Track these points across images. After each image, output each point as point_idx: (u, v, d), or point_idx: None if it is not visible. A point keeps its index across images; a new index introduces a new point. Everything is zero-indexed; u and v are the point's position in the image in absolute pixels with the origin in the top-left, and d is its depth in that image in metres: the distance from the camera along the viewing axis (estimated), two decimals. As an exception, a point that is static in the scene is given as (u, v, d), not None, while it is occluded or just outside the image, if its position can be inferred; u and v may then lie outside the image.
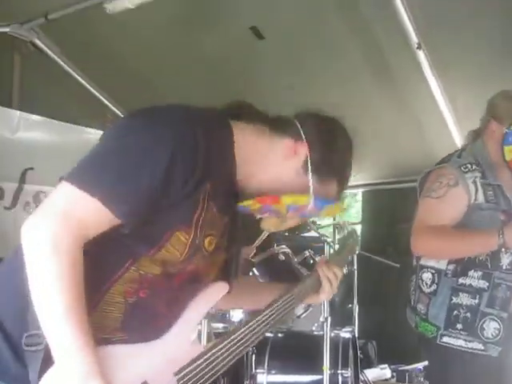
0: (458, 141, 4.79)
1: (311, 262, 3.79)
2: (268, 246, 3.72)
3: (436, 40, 4.03)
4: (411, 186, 5.76)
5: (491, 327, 2.46)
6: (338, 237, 4.23)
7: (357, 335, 4.20)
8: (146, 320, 1.40)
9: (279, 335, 3.87)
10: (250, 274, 3.44)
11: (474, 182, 2.46)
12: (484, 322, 2.46)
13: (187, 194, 1.34)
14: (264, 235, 3.64)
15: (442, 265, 2.51)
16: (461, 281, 2.46)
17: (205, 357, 1.37)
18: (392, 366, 4.94)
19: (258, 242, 3.68)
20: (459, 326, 2.46)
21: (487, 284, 2.45)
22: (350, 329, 4.30)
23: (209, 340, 3.03)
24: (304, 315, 3.93)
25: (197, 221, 1.38)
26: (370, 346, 5.17)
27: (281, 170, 1.53)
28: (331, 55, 4.37)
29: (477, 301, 2.45)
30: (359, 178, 6.03)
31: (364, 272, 4.82)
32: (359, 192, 6.65)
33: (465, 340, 2.46)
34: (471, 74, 4.26)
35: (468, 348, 2.46)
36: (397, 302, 5.79)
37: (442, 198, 2.45)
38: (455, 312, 2.47)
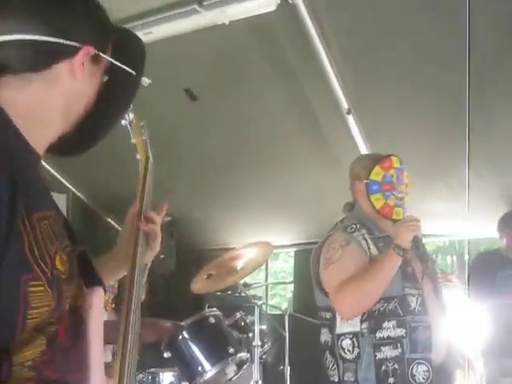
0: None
1: (242, 323, 3.75)
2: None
3: (366, 105, 4.19)
4: (342, 245, 5.92)
5: (421, 371, 2.44)
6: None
7: (288, 398, 4.15)
8: None
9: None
10: (180, 337, 3.38)
11: (364, 239, 2.57)
12: (413, 368, 2.43)
13: (6, 238, 0.97)
14: None
15: (356, 327, 2.50)
16: (378, 335, 2.45)
17: None
18: (324, 429, 4.88)
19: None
20: (391, 380, 2.42)
21: (404, 330, 2.45)
22: (281, 391, 4.25)
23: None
24: (235, 378, 3.86)
25: (32, 254, 1.01)
26: (302, 408, 5.10)
27: (76, 91, 1.19)
28: (266, 119, 4.46)
29: (400, 350, 2.44)
30: (291, 237, 6.08)
31: (296, 333, 4.79)
32: (292, 251, 6.68)
33: None
34: (400, 138, 4.43)
35: None
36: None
37: (341, 259, 2.52)
38: (383, 367, 2.43)
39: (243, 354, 3.57)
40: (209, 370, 3.40)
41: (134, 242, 1.48)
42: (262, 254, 3.81)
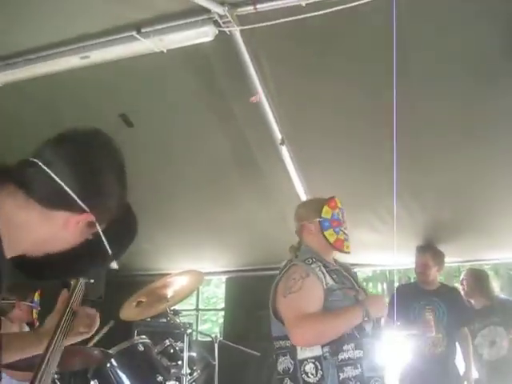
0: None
1: (172, 351, 3.72)
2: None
3: (299, 136, 4.28)
4: (273, 273, 5.94)
5: None
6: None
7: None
8: None
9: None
10: (108, 365, 3.32)
11: (321, 270, 2.74)
12: None
13: None
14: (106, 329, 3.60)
15: (317, 351, 2.65)
16: (340, 357, 2.62)
17: None
18: None
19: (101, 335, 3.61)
20: None
21: (362, 352, 2.65)
22: (210, 420, 4.21)
23: None
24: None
25: None
26: None
27: (59, 237, 1.29)
28: (200, 147, 4.49)
29: (360, 369, 2.63)
30: (224, 264, 6.09)
31: (225, 360, 4.78)
32: (223, 278, 6.67)
33: None
34: (331, 169, 4.54)
35: None
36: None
37: (301, 290, 2.67)
38: None
39: (172, 383, 3.54)
40: (137, 399, 3.36)
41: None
42: (192, 282, 3.81)
